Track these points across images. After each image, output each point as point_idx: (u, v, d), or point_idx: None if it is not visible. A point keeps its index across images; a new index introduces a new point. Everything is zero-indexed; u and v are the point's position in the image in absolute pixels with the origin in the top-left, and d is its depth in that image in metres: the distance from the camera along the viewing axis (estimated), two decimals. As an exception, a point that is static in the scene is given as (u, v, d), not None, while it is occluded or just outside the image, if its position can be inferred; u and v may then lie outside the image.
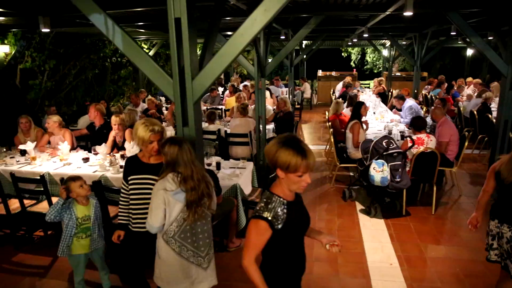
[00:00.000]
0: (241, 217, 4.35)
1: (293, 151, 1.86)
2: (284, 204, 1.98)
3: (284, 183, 1.97)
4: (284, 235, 1.98)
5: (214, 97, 10.90)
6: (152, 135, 2.82)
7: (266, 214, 1.94)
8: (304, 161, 1.85)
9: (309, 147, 1.94)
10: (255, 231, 1.97)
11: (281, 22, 7.94)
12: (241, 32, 2.56)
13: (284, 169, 1.90)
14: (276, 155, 1.90)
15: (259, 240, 1.97)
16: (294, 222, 2.00)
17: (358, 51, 22.35)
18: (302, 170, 1.88)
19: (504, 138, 5.47)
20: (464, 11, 6.26)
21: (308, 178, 1.93)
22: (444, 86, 11.54)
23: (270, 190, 2.03)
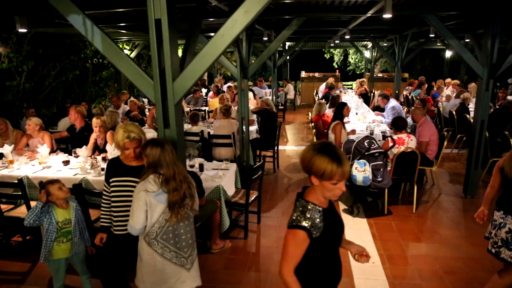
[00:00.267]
0: (225, 219, 4.34)
1: (328, 158, 1.83)
2: (320, 212, 1.93)
3: (318, 190, 1.94)
4: (321, 244, 1.93)
5: (197, 99, 10.85)
6: (127, 142, 2.80)
7: (304, 223, 1.89)
8: (340, 169, 1.83)
9: (344, 155, 1.92)
10: (293, 241, 1.91)
11: (264, 23, 7.96)
12: (222, 33, 2.56)
13: (319, 176, 1.87)
14: (311, 162, 1.87)
15: (298, 251, 1.92)
16: (331, 230, 1.96)
17: (341, 52, 22.58)
18: (337, 178, 1.85)
19: (481, 137, 5.61)
20: (441, 14, 6.41)
21: (343, 186, 1.90)
22: (425, 87, 11.76)
23: (305, 198, 1.98)
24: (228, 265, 4.16)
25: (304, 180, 6.76)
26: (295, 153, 8.79)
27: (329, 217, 1.96)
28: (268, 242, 4.64)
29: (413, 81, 13.48)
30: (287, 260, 1.93)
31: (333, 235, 2.00)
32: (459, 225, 5.09)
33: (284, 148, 9.18)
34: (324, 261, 2.02)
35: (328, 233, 1.93)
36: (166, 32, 2.63)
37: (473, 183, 5.84)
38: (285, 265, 1.93)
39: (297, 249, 1.91)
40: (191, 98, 10.87)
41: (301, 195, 2.04)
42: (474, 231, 4.88)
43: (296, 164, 7.79)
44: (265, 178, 6.88)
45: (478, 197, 5.91)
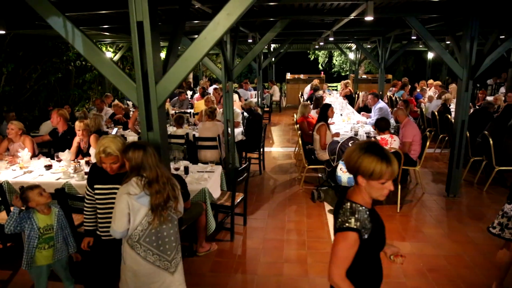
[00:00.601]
0: (210, 221, 4.33)
1: (377, 157, 1.82)
2: (367, 212, 1.91)
3: (365, 191, 1.91)
4: (369, 245, 1.90)
5: (183, 101, 10.80)
6: (103, 157, 2.77)
7: (354, 224, 1.86)
8: (389, 168, 1.81)
9: (391, 153, 1.89)
10: (344, 244, 1.87)
11: (248, 25, 7.98)
12: (204, 36, 2.56)
13: (367, 176, 1.84)
14: (358, 162, 1.85)
15: (349, 253, 1.87)
16: (377, 231, 1.94)
17: (326, 54, 22.77)
18: (386, 177, 1.83)
19: (462, 137, 5.72)
20: (422, 16, 6.53)
21: (391, 185, 1.87)
22: (408, 88, 11.95)
23: (350, 199, 1.95)
24: (215, 268, 4.14)
25: (290, 182, 6.79)
26: (281, 154, 8.82)
27: (375, 217, 1.96)
28: (254, 244, 4.64)
29: (397, 82, 13.69)
30: (338, 265, 1.88)
31: (380, 235, 1.98)
32: (441, 223, 5.18)
33: (270, 149, 9.20)
34: (371, 263, 2.00)
35: (375, 234, 1.91)
36: (148, 35, 2.61)
37: (455, 182, 5.95)
38: (336, 270, 1.88)
39: (349, 252, 1.87)
40: (176, 100, 10.81)
41: (345, 197, 2.01)
42: (456, 229, 4.98)
43: (282, 166, 7.82)
44: (251, 180, 6.88)
45: (460, 195, 6.04)
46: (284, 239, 4.72)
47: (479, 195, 6.17)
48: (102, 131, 6.06)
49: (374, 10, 4.56)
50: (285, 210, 5.58)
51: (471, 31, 5.29)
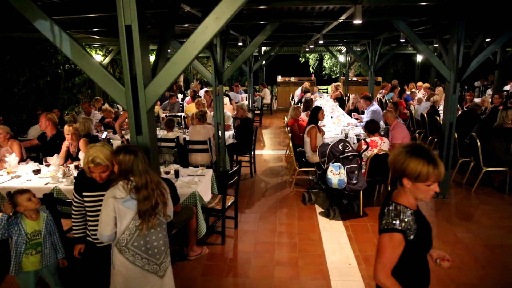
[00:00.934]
0: (201, 225, 4.31)
1: (423, 160, 1.83)
2: (412, 214, 1.92)
3: (410, 192, 1.93)
4: (414, 247, 1.92)
5: (173, 104, 10.76)
6: (91, 167, 2.75)
7: (399, 225, 1.88)
8: (436, 170, 1.82)
9: (437, 155, 1.88)
10: (390, 244, 1.90)
11: (238, 28, 7.99)
12: (193, 40, 2.56)
13: (413, 178, 1.86)
14: (404, 165, 1.87)
15: (395, 254, 1.90)
16: (423, 232, 1.94)
17: (316, 57, 22.89)
18: (432, 179, 1.84)
19: (450, 138, 5.79)
20: (410, 19, 6.61)
21: (437, 187, 1.89)
22: (397, 90, 12.06)
23: (395, 201, 1.97)
24: (206, 272, 4.13)
25: (281, 184, 6.80)
26: (272, 157, 8.83)
27: (420, 219, 1.96)
28: (246, 247, 4.64)
29: (386, 85, 13.82)
30: (384, 264, 1.91)
31: (425, 237, 1.98)
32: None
33: (261, 152, 9.21)
34: (418, 264, 2.01)
35: (421, 235, 1.92)
36: (137, 39, 2.61)
37: (444, 183, 6.01)
38: (382, 270, 1.92)
39: (394, 252, 1.90)
40: (167, 103, 10.77)
41: (389, 199, 2.03)
42: (446, 229, 5.03)
43: (273, 168, 7.83)
44: (242, 183, 6.88)
45: (449, 196, 6.10)
46: (275, 242, 4.72)
47: (468, 195, 6.24)
48: (92, 135, 6.01)
49: (363, 14, 4.59)
50: (276, 212, 5.59)
51: (457, 34, 5.37)
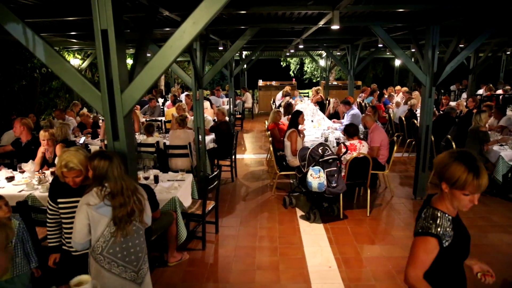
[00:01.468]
0: (181, 230, 4.27)
1: (465, 167, 1.75)
2: (449, 220, 1.87)
3: (447, 198, 1.87)
4: (449, 254, 1.87)
5: (154, 108, 10.65)
6: (65, 171, 2.68)
7: (435, 230, 1.84)
8: (476, 181, 1.73)
9: (483, 167, 1.79)
10: (423, 248, 1.87)
11: (219, 33, 8.00)
12: (170, 44, 2.55)
13: (451, 184, 1.79)
14: (445, 168, 1.80)
15: (427, 258, 1.87)
16: (460, 240, 1.89)
17: (297, 61, 23.08)
18: (470, 190, 1.76)
19: (427, 141, 5.93)
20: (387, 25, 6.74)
21: (475, 199, 1.79)
22: (376, 94, 12.26)
23: (433, 206, 1.93)
24: (186, 278, 4.09)
25: (262, 188, 6.80)
26: (253, 161, 8.84)
27: (458, 226, 1.91)
28: (227, 252, 4.62)
29: (366, 89, 14.04)
30: (416, 267, 1.89)
31: (462, 245, 1.93)
32: (409, 225, 5.32)
33: (242, 156, 9.20)
34: (452, 271, 1.97)
35: (458, 243, 1.88)
36: (113, 43, 2.58)
37: (422, 185, 6.14)
38: (413, 272, 1.89)
39: (426, 256, 1.87)
40: (147, 108, 10.66)
41: (428, 203, 1.99)
42: (423, 231, 5.13)
43: (254, 173, 7.83)
44: (223, 187, 6.86)
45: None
46: (256, 246, 4.72)
47: (445, 197, 6.38)
48: (69, 140, 5.89)
49: (341, 19, 4.67)
50: (257, 217, 5.59)
51: (432, 40, 5.51)
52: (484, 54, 11.57)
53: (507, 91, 13.06)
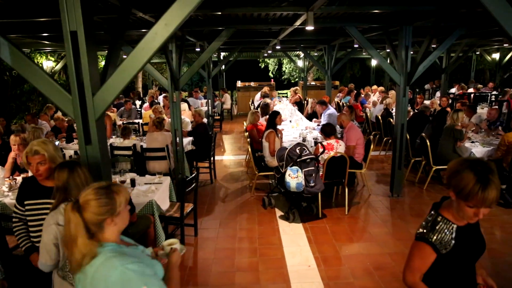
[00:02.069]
0: (159, 234, 4.22)
1: (474, 176, 1.62)
2: (453, 229, 1.79)
3: (454, 206, 1.78)
4: (449, 261, 1.81)
5: (130, 111, 10.49)
6: (29, 156, 2.63)
7: (431, 237, 1.79)
8: (481, 194, 1.61)
9: (496, 180, 1.63)
10: (418, 253, 1.85)
11: (196, 34, 7.95)
12: (142, 47, 2.51)
13: (456, 192, 1.70)
14: (454, 174, 1.70)
15: (423, 263, 1.84)
16: (463, 249, 1.81)
17: (275, 62, 23.17)
18: (474, 202, 1.65)
19: (402, 139, 6.05)
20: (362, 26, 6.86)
21: (480, 214, 1.68)
22: (353, 93, 12.44)
23: (439, 212, 1.86)
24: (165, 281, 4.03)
25: (241, 189, 6.79)
26: (232, 162, 8.81)
27: (465, 235, 1.81)
28: (206, 254, 4.59)
29: (343, 89, 14.22)
30: (411, 270, 1.87)
31: (465, 254, 1.85)
32: (386, 222, 5.41)
33: (221, 158, 9.17)
34: (454, 279, 1.90)
35: (459, 252, 1.79)
36: (83, 45, 2.52)
37: (398, 183, 6.25)
38: (410, 275, 1.88)
39: (422, 262, 1.84)
40: (123, 110, 10.49)
41: (438, 206, 1.91)
42: (400, 227, 5.24)
43: (233, 174, 7.81)
44: (202, 189, 6.82)
45: (403, 195, 6.35)
46: (235, 248, 4.71)
47: (420, 193, 6.53)
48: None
49: (316, 20, 4.72)
50: (236, 218, 5.58)
51: (405, 40, 5.63)
52: (455, 54, 11.91)
53: (479, 89, 13.50)
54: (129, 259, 1.66)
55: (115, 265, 1.62)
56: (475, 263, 1.96)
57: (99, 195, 1.70)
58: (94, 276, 1.63)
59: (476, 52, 14.35)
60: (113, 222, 1.73)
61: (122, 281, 1.60)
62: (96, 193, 1.70)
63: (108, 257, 1.65)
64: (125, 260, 1.65)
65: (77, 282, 1.70)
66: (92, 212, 1.67)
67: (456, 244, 1.79)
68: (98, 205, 1.68)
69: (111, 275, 1.61)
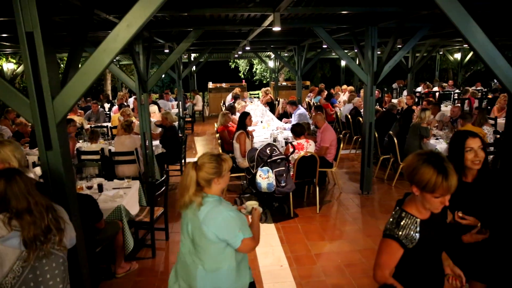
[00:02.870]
0: (128, 240, 4.13)
1: (434, 169, 1.73)
2: (417, 223, 1.87)
3: (419, 201, 1.87)
4: (416, 255, 1.89)
5: (98, 114, 10.22)
6: None
7: (397, 233, 1.87)
8: (445, 183, 1.72)
9: (452, 168, 1.77)
10: (386, 250, 1.91)
11: (164, 35, 7.84)
12: (103, 48, 2.44)
13: (421, 187, 1.79)
14: (415, 171, 1.79)
15: (391, 259, 1.90)
16: (428, 242, 1.89)
17: (246, 62, 23.19)
18: (440, 192, 1.75)
19: (370, 138, 6.18)
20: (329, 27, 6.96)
21: (446, 201, 1.78)
22: (324, 93, 12.62)
23: (403, 208, 1.95)
24: (135, 289, 3.96)
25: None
26: (205, 164, 8.73)
27: (429, 228, 1.90)
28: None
29: (314, 88, 14.40)
30: (380, 267, 1.92)
31: (431, 247, 1.93)
32: (357, 220, 5.52)
33: (193, 160, 9.05)
34: (422, 271, 1.97)
35: (424, 245, 1.87)
36: (41, 47, 2.42)
37: (368, 180, 6.39)
38: (379, 272, 1.92)
39: (390, 258, 1.90)
40: (91, 113, 10.21)
41: (401, 203, 2.00)
42: (369, 224, 5.35)
43: (206, 176, 7.74)
44: (173, 192, 6.71)
45: (373, 192, 6.49)
46: (208, 251, 4.66)
47: (389, 190, 6.70)
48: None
49: (283, 21, 4.76)
50: (208, 220, 5.52)
51: (371, 41, 5.76)
52: (420, 54, 12.29)
53: (444, 88, 14.00)
54: (230, 207, 2.31)
55: (221, 210, 2.25)
56: (441, 254, 2.07)
57: (212, 160, 2.29)
58: (205, 217, 2.23)
59: (440, 52, 14.86)
60: (218, 181, 2.31)
61: (225, 222, 2.24)
62: (210, 158, 2.31)
63: (216, 205, 2.27)
64: (228, 208, 2.29)
65: (184, 216, 2.40)
66: (205, 171, 2.27)
67: (421, 238, 1.86)
68: (210, 167, 2.27)
69: (218, 217, 2.23)
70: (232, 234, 2.25)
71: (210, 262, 2.30)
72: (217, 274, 2.32)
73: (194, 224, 2.28)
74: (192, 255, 2.36)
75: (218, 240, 2.25)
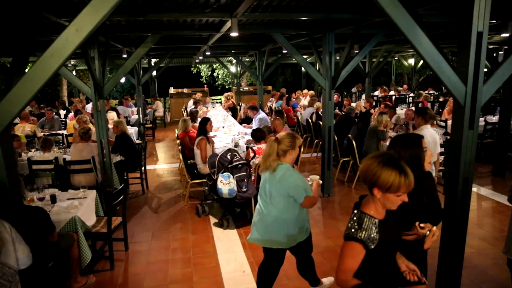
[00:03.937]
0: (85, 252, 3.96)
1: (396, 171, 1.83)
2: (376, 223, 1.95)
3: (379, 202, 1.94)
4: (377, 255, 1.94)
5: (53, 121, 9.78)
6: None
7: (360, 234, 1.91)
8: (407, 181, 1.84)
9: (405, 164, 1.90)
10: (349, 253, 1.94)
11: (122, 40, 7.65)
12: (51, 53, 2.34)
13: (385, 189, 1.86)
14: (376, 175, 1.86)
15: (354, 262, 1.93)
16: (386, 241, 1.97)
17: (207, 67, 23.07)
18: (403, 190, 1.86)
19: (330, 141, 6.31)
20: (288, 32, 7.07)
21: (405, 197, 1.90)
22: (285, 98, 12.77)
23: (361, 209, 2.00)
24: (92, 303, 3.80)
25: (175, 198, 6.63)
26: (166, 171, 8.59)
27: (385, 228, 1.98)
28: (137, 269, 4.39)
29: (275, 93, 14.55)
30: (344, 271, 1.95)
31: (389, 245, 2.02)
32: (318, 222, 5.60)
33: (154, 167, 8.88)
34: (381, 271, 2.04)
35: (384, 244, 1.95)
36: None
37: (328, 183, 6.51)
38: (342, 275, 1.95)
39: (353, 260, 1.93)
40: (45, 121, 9.75)
41: (359, 206, 2.05)
42: (330, 225, 5.45)
43: (167, 183, 7.61)
44: (134, 200, 6.55)
45: (333, 194, 6.62)
46: (169, 259, 4.57)
47: (349, 191, 6.86)
48: None
49: (242, 26, 4.77)
50: (169, 228, 5.42)
51: (328, 46, 5.90)
52: (376, 59, 12.74)
53: (399, 92, 14.59)
54: (299, 174, 3.22)
55: (292, 174, 3.13)
56: (396, 252, 2.16)
57: (289, 137, 3.16)
58: (281, 178, 3.10)
59: (395, 58, 15.50)
60: (291, 153, 3.16)
61: (295, 183, 3.08)
62: (287, 135, 3.19)
63: (288, 169, 3.14)
64: (296, 172, 3.22)
65: (263, 178, 3.31)
66: (284, 144, 3.12)
67: (381, 238, 1.94)
68: (287, 141, 3.13)
69: (289, 179, 3.09)
70: (298, 192, 3.07)
71: (281, 212, 3.17)
72: (286, 220, 3.21)
73: (272, 183, 3.15)
74: (268, 206, 3.22)
75: (288, 195, 3.09)
